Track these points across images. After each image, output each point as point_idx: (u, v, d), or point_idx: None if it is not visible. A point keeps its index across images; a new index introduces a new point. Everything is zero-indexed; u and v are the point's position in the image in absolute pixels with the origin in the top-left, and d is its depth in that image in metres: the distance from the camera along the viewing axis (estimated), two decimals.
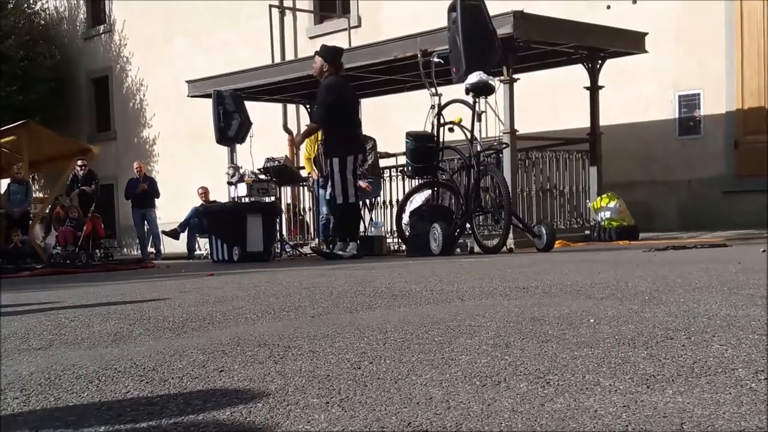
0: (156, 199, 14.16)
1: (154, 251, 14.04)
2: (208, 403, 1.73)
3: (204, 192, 13.69)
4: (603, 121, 10.05)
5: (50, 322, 3.19)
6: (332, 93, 8.05)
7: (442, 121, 8.12)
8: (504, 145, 8.39)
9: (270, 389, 1.83)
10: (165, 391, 1.87)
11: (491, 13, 7.98)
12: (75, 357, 2.41)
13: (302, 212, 11.82)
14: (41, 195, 17.13)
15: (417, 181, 8.86)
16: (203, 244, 12.56)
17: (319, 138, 9.92)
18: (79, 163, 13.43)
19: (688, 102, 10.83)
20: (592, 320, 2.50)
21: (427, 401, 1.64)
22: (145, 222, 14.22)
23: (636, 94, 11.02)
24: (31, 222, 12.89)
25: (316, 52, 8.35)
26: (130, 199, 14.21)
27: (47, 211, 13.95)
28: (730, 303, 2.75)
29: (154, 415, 1.65)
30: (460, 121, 7.85)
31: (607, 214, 9.48)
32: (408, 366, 1.99)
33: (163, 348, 2.45)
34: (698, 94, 10.75)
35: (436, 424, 1.47)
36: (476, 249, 7.94)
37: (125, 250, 18.28)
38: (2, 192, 13.33)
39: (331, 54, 8.23)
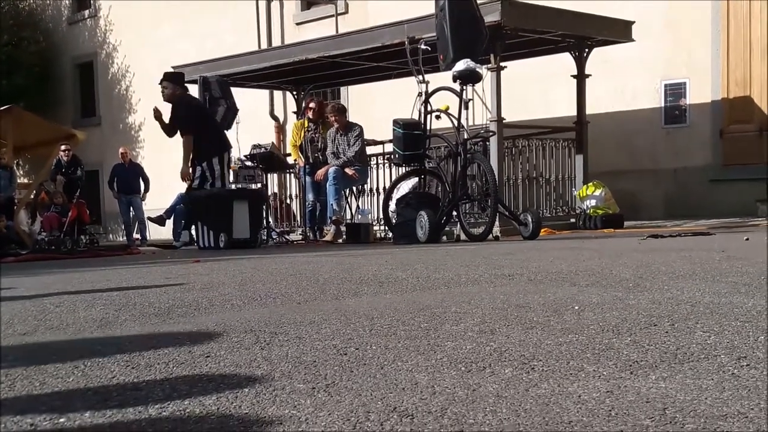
0: (146, 189, 14.08)
1: (140, 238, 13.97)
2: (195, 388, 1.73)
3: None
4: (589, 109, 10.08)
5: (35, 308, 3.17)
6: (199, 108, 9.37)
7: (429, 108, 8.12)
8: (491, 133, 8.40)
9: (256, 375, 1.83)
10: (151, 376, 1.87)
11: (479, 1, 7.98)
12: (60, 342, 2.40)
13: (289, 199, 11.79)
14: (26, 180, 17.00)
15: (404, 168, 8.86)
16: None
17: (306, 125, 9.92)
18: (63, 148, 13.33)
19: (675, 91, 10.88)
20: (576, 307, 2.52)
21: (412, 386, 1.65)
22: (131, 208, 14.15)
23: (623, 83, 11.05)
24: (15, 208, 12.80)
25: (163, 78, 9.33)
26: (113, 187, 14.10)
27: (32, 196, 13.87)
28: (713, 290, 2.78)
29: (140, 400, 1.65)
30: (447, 108, 7.85)
31: (593, 202, 9.53)
32: (394, 352, 2.00)
33: (149, 334, 2.45)
34: (684, 83, 10.79)
35: (422, 409, 1.48)
36: (462, 237, 7.96)
37: (111, 236, 18.20)
38: None
39: (180, 78, 9.46)
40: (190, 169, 9.12)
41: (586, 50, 9.82)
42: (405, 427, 1.38)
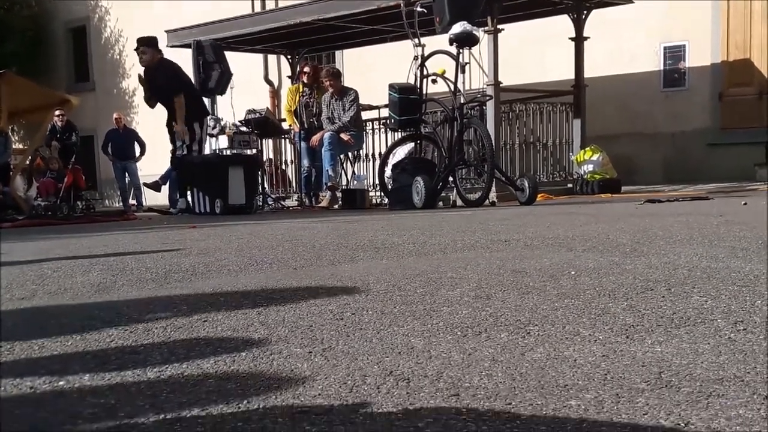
0: (142, 153, 14.01)
1: (136, 203, 13.95)
2: (192, 352, 1.74)
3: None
4: (588, 73, 10.01)
5: (33, 273, 3.17)
6: (178, 71, 9.22)
7: (425, 72, 8.05)
8: (487, 98, 8.35)
9: (253, 339, 1.84)
10: (149, 340, 1.88)
11: None
12: (59, 307, 2.41)
13: (284, 165, 11.76)
14: (21, 146, 16.91)
15: (400, 133, 8.82)
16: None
17: (301, 90, 9.84)
18: (58, 113, 13.24)
19: (674, 54, 10.80)
20: (572, 272, 2.53)
21: (408, 351, 1.66)
22: (126, 174, 14.09)
23: (621, 46, 10.96)
24: (11, 174, 12.74)
25: (139, 44, 9.20)
26: (107, 152, 14.02)
27: (28, 162, 13.80)
28: (710, 255, 2.78)
29: (139, 364, 1.66)
30: (444, 72, 7.79)
31: (590, 167, 9.51)
32: (390, 317, 2.00)
33: (147, 299, 2.45)
34: (684, 46, 10.71)
35: (418, 373, 1.49)
36: (459, 202, 7.95)
37: (107, 201, 18.15)
38: None
39: (155, 42, 9.25)
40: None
41: (585, 12, 9.73)
42: (401, 391, 1.38)
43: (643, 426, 1.17)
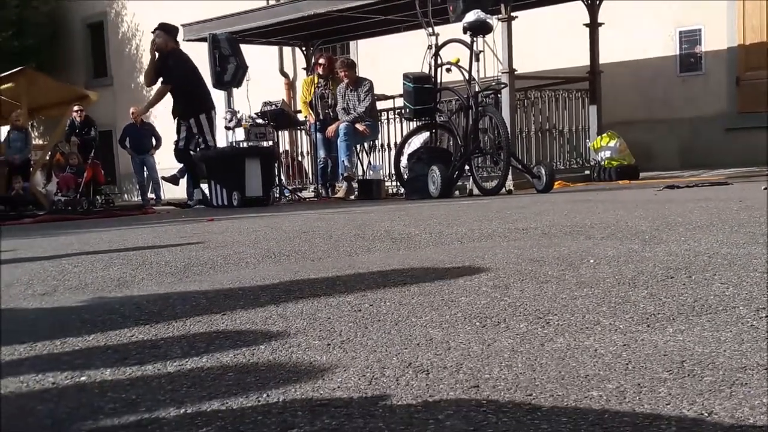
0: (157, 147, 14.07)
1: (155, 197, 14.03)
2: (212, 345, 1.75)
3: None
4: (603, 59, 9.93)
5: (54, 268, 3.20)
6: (189, 63, 9.26)
7: (439, 61, 8.02)
8: (502, 85, 8.30)
9: (272, 331, 1.84)
10: (169, 334, 1.89)
11: None
12: (80, 302, 2.43)
13: (300, 156, 11.78)
14: (41, 142, 17.06)
15: (415, 123, 8.80)
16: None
17: (316, 81, 9.84)
18: (76, 109, 13.33)
19: (689, 38, 10.69)
20: (591, 260, 2.51)
21: (427, 342, 1.66)
22: (145, 168, 14.17)
23: (636, 31, 10.86)
24: (31, 169, 12.88)
25: (158, 27, 9.26)
26: (125, 146, 14.08)
27: (47, 158, 13.93)
28: (731, 241, 2.75)
29: (159, 358, 1.67)
30: (458, 61, 7.75)
31: (607, 153, 9.44)
32: (408, 308, 2.00)
33: (166, 292, 2.46)
34: (699, 30, 10.59)
35: (437, 365, 1.48)
36: (475, 191, 7.93)
37: (126, 196, 18.28)
38: (2, 140, 13.29)
39: (174, 32, 9.37)
40: (148, 114, 9.21)
41: None
42: (420, 383, 1.38)
43: (665, 416, 1.16)
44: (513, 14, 8.73)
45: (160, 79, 9.42)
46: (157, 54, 9.26)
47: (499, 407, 1.24)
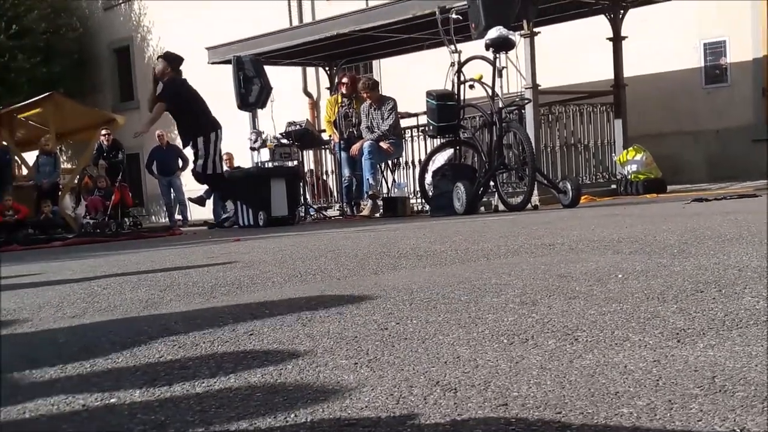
0: (183, 168, 14.19)
1: (182, 218, 14.15)
2: (239, 365, 1.75)
3: (228, 158, 13.70)
4: (627, 72, 9.88)
5: (83, 291, 3.24)
6: (187, 87, 9.23)
7: (462, 78, 8.04)
8: (526, 101, 8.29)
9: (299, 351, 1.84)
10: (197, 354, 1.90)
11: None
12: (109, 324, 2.45)
13: (325, 175, 11.83)
14: (69, 166, 17.31)
15: (439, 140, 8.81)
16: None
17: (340, 100, 9.90)
18: (104, 132, 13.52)
19: (714, 50, 10.61)
20: (620, 275, 2.49)
21: (454, 360, 1.65)
22: (172, 190, 14.30)
23: (660, 44, 10.81)
24: (60, 193, 13.06)
25: (161, 56, 9.47)
26: (151, 171, 14.20)
27: (76, 181, 14.12)
28: (761, 254, 2.72)
29: (188, 378, 1.67)
30: (481, 77, 7.77)
31: (634, 167, 9.37)
32: (435, 326, 1.99)
33: (194, 313, 2.48)
34: (724, 42, 10.52)
35: (465, 383, 1.48)
36: (500, 207, 7.91)
37: (153, 218, 18.46)
38: (31, 164, 13.50)
39: (177, 62, 9.30)
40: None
41: (621, 12, 9.62)
42: (449, 401, 1.38)
43: None
44: (535, 30, 8.74)
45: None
46: (157, 80, 9.38)
47: (529, 425, 1.23)
